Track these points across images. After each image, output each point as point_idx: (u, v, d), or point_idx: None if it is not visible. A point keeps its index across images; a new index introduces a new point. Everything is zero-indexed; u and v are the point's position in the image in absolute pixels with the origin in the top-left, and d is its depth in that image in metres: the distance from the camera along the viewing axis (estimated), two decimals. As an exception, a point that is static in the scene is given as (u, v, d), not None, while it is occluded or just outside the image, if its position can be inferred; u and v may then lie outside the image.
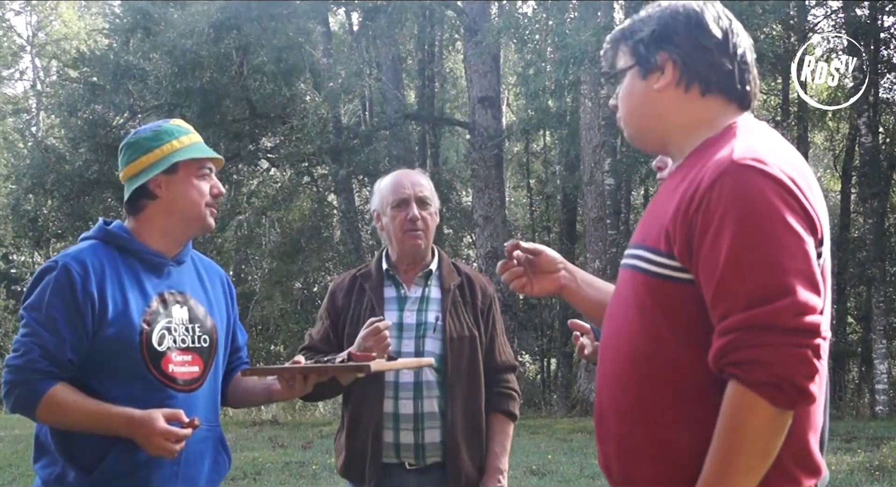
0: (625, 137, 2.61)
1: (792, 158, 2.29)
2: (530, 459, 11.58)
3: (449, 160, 26.97)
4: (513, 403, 4.10)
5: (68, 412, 3.03)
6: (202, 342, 3.30)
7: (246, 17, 19.08)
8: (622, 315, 2.41)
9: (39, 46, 40.36)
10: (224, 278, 3.59)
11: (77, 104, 20.42)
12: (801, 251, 2.14)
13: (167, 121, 3.35)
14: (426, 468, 3.90)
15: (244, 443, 13.80)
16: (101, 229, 3.28)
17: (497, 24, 17.77)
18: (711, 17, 2.43)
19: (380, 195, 4.08)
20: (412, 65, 25.36)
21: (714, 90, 2.42)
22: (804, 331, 2.09)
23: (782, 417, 2.12)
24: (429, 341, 3.93)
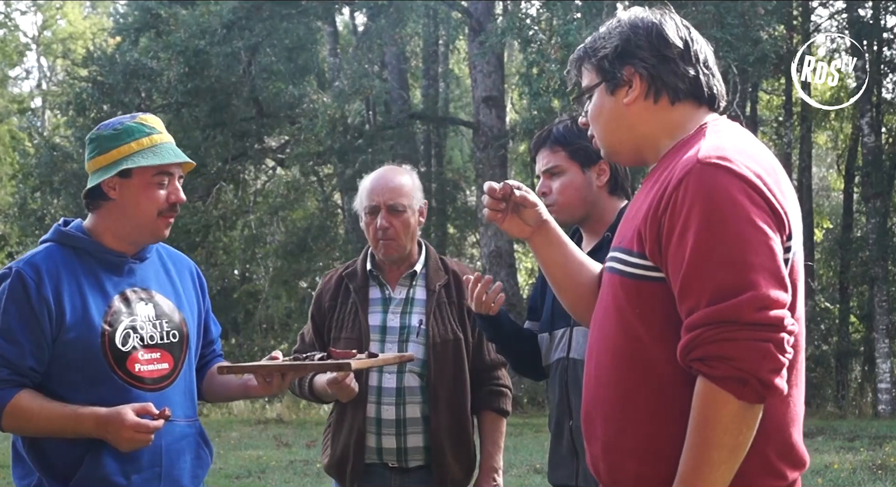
0: (602, 155, 2.63)
1: (760, 155, 2.33)
2: (534, 457, 11.61)
3: (454, 160, 26.97)
4: (505, 400, 4.06)
5: (34, 418, 2.96)
6: (171, 338, 3.20)
7: (257, 17, 19.10)
8: (604, 317, 2.45)
9: (45, 46, 40.37)
10: (193, 269, 3.48)
11: (85, 103, 20.45)
12: (766, 247, 2.17)
13: (134, 117, 3.20)
14: (409, 469, 3.89)
15: (248, 442, 13.84)
16: (58, 231, 3.18)
17: (501, 25, 17.79)
18: (671, 28, 2.46)
19: (359, 198, 4.02)
20: (417, 65, 25.38)
21: (682, 97, 2.46)
22: (767, 325, 2.12)
23: (750, 410, 2.16)
24: (412, 345, 3.88)
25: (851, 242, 20.42)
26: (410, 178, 4.02)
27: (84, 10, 40.73)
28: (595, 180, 3.56)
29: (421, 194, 4.02)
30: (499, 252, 18.77)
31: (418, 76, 25.61)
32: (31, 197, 22.71)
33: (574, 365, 3.46)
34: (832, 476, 9.89)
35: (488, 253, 19.02)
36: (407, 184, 3.97)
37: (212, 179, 20.33)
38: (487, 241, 19.10)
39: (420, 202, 3.97)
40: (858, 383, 19.86)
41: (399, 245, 3.91)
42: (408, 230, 3.92)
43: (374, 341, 3.88)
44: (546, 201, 3.50)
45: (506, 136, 19.89)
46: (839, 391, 18.83)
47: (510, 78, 23.74)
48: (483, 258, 19.58)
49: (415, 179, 4.04)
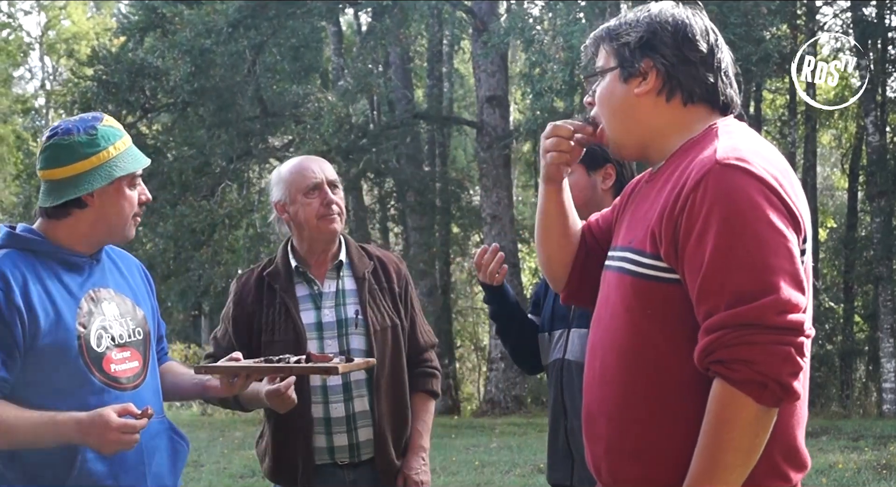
0: (609, 146, 2.58)
1: (774, 157, 2.32)
2: (538, 457, 11.61)
3: (457, 159, 26.98)
4: (435, 381, 4.02)
5: (11, 428, 2.83)
6: (137, 335, 3.14)
7: (262, 16, 19.12)
8: (609, 317, 2.43)
9: (48, 46, 40.43)
10: (140, 267, 3.39)
11: (90, 102, 20.46)
12: (785, 250, 2.16)
13: (99, 119, 3.09)
14: (360, 463, 3.80)
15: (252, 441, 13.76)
16: (10, 236, 3.04)
17: (504, 24, 17.80)
18: (699, 31, 2.43)
19: (285, 183, 3.83)
20: (421, 64, 25.38)
21: (697, 101, 2.44)
22: (788, 329, 2.12)
23: (767, 414, 2.15)
24: (353, 338, 3.77)
25: (856, 241, 20.42)
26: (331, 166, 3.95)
27: (88, 10, 40.77)
28: (600, 183, 3.58)
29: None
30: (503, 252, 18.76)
31: (422, 76, 25.62)
32: (35, 196, 22.76)
33: (569, 367, 3.48)
34: (836, 475, 9.88)
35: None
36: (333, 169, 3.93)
37: (217, 178, 20.34)
38: (491, 240, 19.08)
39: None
40: (863, 382, 19.89)
41: (341, 223, 3.82)
42: (344, 211, 3.86)
43: (312, 339, 3.74)
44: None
45: (509, 135, 19.90)
46: (843, 390, 18.84)
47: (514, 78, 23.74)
48: (487, 258, 19.55)
49: None
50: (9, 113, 34.63)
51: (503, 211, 19.32)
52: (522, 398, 18.85)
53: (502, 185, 19.56)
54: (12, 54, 38.25)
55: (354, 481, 3.79)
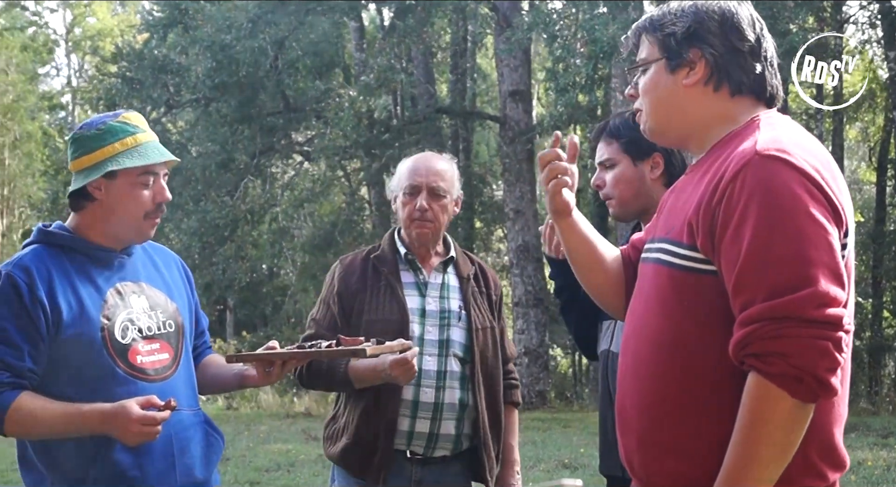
0: (643, 129, 2.55)
1: (816, 149, 2.28)
2: (562, 452, 11.59)
3: (480, 154, 26.96)
4: (518, 392, 4.10)
5: (37, 419, 2.89)
6: (167, 328, 3.16)
7: (283, 11, 19.16)
8: (644, 309, 2.40)
9: (74, 43, 40.66)
10: (180, 262, 3.43)
11: (115, 99, 20.57)
12: (825, 243, 2.12)
13: (117, 115, 3.13)
14: (431, 459, 3.80)
15: (277, 435, 13.89)
16: (41, 232, 3.13)
17: (527, 20, 17.74)
18: (746, 20, 2.40)
19: (397, 177, 3.95)
20: (443, 59, 25.37)
21: (744, 92, 2.41)
22: (826, 323, 2.07)
23: (803, 409, 2.11)
24: (454, 330, 3.84)
25: (884, 235, 20.29)
26: (451, 166, 3.97)
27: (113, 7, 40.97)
28: (648, 173, 3.50)
29: (459, 185, 3.97)
30: (526, 247, 18.73)
31: (445, 70, 25.60)
32: (62, 192, 22.93)
33: (614, 358, 3.42)
34: (865, 473, 9.80)
35: (515, 247, 18.98)
36: (448, 170, 3.92)
37: (240, 173, 20.42)
38: (514, 235, 19.08)
39: (458, 192, 3.95)
40: (892, 378, 19.74)
41: (434, 229, 3.87)
42: (445, 215, 3.88)
43: (414, 323, 3.80)
44: (602, 193, 3.53)
45: (532, 130, 19.84)
46: (872, 386, 18.71)
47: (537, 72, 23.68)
48: (510, 253, 19.55)
49: (455, 168, 3.99)
50: (35, 110, 34.85)
51: (526, 206, 19.27)
52: (546, 394, 18.81)
53: (525, 179, 19.51)
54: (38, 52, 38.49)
55: (420, 480, 3.79)
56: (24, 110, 31.48)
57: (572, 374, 24.23)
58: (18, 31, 37.36)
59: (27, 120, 31.69)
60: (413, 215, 3.84)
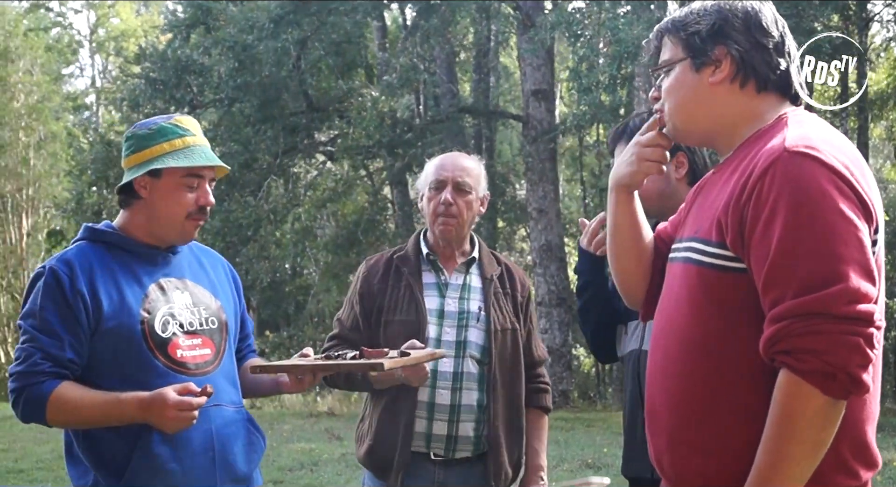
0: (667, 130, 2.55)
1: (845, 146, 2.28)
2: (585, 452, 11.58)
3: (503, 153, 26.94)
4: (547, 397, 4.05)
5: (77, 407, 2.97)
6: (210, 324, 3.23)
7: (304, 11, 19.19)
8: (673, 308, 2.40)
9: (98, 44, 40.86)
10: (227, 265, 3.52)
11: (139, 99, 20.67)
12: (855, 239, 2.12)
13: (170, 118, 3.24)
14: (453, 461, 3.80)
15: (301, 434, 13.91)
16: (87, 229, 3.24)
17: (550, 20, 17.71)
18: (769, 18, 2.43)
19: (424, 174, 3.97)
20: (466, 58, 25.35)
21: (770, 88, 2.42)
22: (857, 319, 2.07)
23: (835, 406, 2.11)
24: (472, 331, 3.83)
25: (908, 234, 20.15)
26: (478, 165, 3.99)
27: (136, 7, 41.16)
28: (673, 173, 3.50)
29: (485, 184, 3.98)
30: (549, 246, 18.71)
31: (468, 70, 25.58)
32: (87, 192, 23.01)
33: (646, 357, 3.42)
34: (891, 473, 9.75)
35: (538, 247, 18.96)
36: (475, 168, 3.94)
37: (263, 173, 20.47)
38: (538, 235, 19.05)
39: (484, 191, 3.95)
40: (918, 378, 19.62)
41: (459, 225, 3.86)
42: (469, 212, 3.88)
43: (432, 324, 3.80)
44: None
45: (555, 129, 19.81)
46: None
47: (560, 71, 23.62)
48: (533, 252, 19.51)
49: (482, 168, 4.00)
50: (60, 110, 35.03)
51: (549, 205, 19.24)
52: (569, 393, 18.78)
53: (548, 179, 19.48)
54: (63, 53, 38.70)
55: (443, 482, 3.79)
56: (48, 111, 31.67)
57: (595, 374, 24.18)
58: (43, 31, 37.59)
59: (52, 120, 31.87)
60: (437, 210, 3.84)
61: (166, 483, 3.04)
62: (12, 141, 29.80)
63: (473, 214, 3.91)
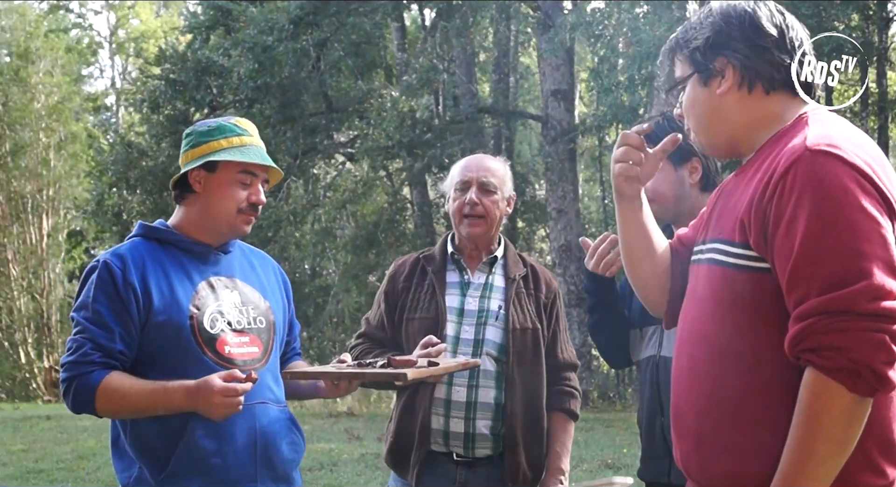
0: (701, 148, 2.60)
1: (867, 144, 2.28)
2: (605, 453, 11.56)
3: (522, 153, 26.89)
4: (574, 402, 4.01)
5: (126, 396, 3.02)
6: (258, 324, 3.29)
7: (324, 12, 19.21)
8: (699, 310, 2.40)
9: (118, 44, 41.00)
10: (277, 268, 3.60)
11: (158, 101, 20.73)
12: (878, 236, 2.11)
13: (230, 118, 3.34)
14: (475, 460, 3.80)
15: (320, 434, 13.92)
16: (142, 226, 3.33)
17: (570, 21, 17.68)
18: (765, 16, 2.43)
19: (450, 176, 4.01)
20: (485, 58, 25.33)
21: (778, 87, 2.42)
22: (882, 315, 2.06)
23: (861, 404, 2.10)
24: (490, 329, 3.83)
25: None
26: (504, 166, 4.01)
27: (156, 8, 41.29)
28: (687, 178, 3.49)
29: (511, 185, 4.00)
30: (568, 246, 18.67)
31: (487, 70, 25.56)
32: (107, 193, 23.09)
33: (665, 363, 3.38)
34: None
35: (558, 247, 18.93)
36: (500, 169, 3.97)
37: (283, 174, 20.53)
38: (557, 235, 19.01)
39: (510, 192, 3.97)
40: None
41: (485, 224, 3.88)
42: (495, 212, 3.89)
43: (451, 321, 3.82)
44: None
45: (575, 129, 19.76)
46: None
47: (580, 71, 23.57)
48: (552, 252, 19.49)
49: (507, 169, 4.02)
50: (80, 111, 35.18)
51: (569, 205, 19.21)
52: (589, 394, 18.75)
53: (568, 179, 19.43)
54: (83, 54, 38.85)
55: (464, 482, 3.80)
56: (69, 111, 31.81)
57: (615, 374, 24.10)
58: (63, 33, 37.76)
59: (72, 121, 32.01)
60: (463, 210, 3.87)
61: (208, 476, 3.10)
62: (33, 142, 29.96)
63: (500, 214, 3.93)
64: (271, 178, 3.36)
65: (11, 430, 15.05)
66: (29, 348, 29.25)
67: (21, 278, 29.82)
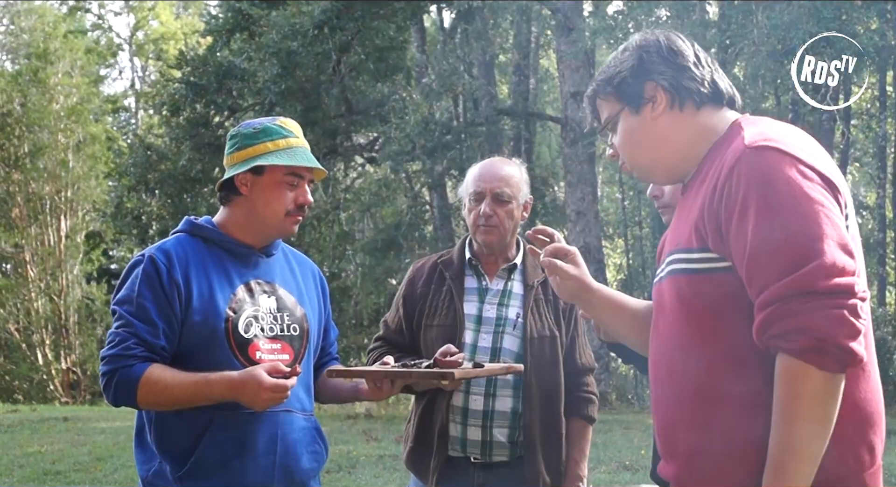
0: (638, 178, 2.68)
1: (801, 135, 2.38)
2: (623, 454, 11.54)
3: (541, 156, 26.89)
4: (592, 407, 3.99)
5: (168, 387, 3.01)
6: (292, 331, 3.28)
7: (348, 16, 19.23)
8: (669, 321, 2.45)
9: (137, 46, 41.14)
10: (317, 272, 3.58)
11: (178, 104, 20.79)
12: (825, 217, 2.18)
13: (275, 120, 3.32)
14: (493, 464, 3.79)
15: (338, 436, 13.93)
16: (188, 223, 3.32)
17: (591, 25, 17.66)
18: (678, 40, 2.56)
19: (465, 183, 3.95)
20: (506, 61, 25.33)
21: (706, 101, 2.52)
22: (838, 292, 2.12)
23: (834, 380, 2.15)
24: (507, 337, 3.81)
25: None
26: (519, 171, 3.95)
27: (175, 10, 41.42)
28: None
29: (527, 189, 3.95)
30: (587, 248, 18.66)
31: (507, 72, 25.56)
32: (126, 196, 23.14)
33: None
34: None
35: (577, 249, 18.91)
36: (515, 175, 3.91)
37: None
38: (576, 237, 19.02)
39: (526, 197, 3.92)
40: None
41: (500, 234, 3.85)
42: (511, 221, 3.86)
43: (469, 329, 3.80)
44: (659, 202, 3.52)
45: (594, 131, 19.67)
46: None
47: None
48: (571, 255, 19.44)
49: (523, 173, 3.97)
50: (100, 113, 35.30)
51: (588, 207, 19.21)
52: (607, 395, 18.72)
53: (587, 181, 19.44)
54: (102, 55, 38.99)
55: (483, 484, 3.80)
56: (87, 113, 31.91)
57: (633, 375, 24.05)
58: (82, 34, 37.89)
59: (91, 122, 32.10)
60: (478, 222, 3.84)
61: (225, 477, 3.10)
62: (51, 143, 30.07)
63: (515, 222, 3.90)
64: (315, 177, 3.35)
65: (29, 432, 15.10)
66: (46, 349, 29.36)
67: (39, 280, 29.93)
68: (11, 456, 12.30)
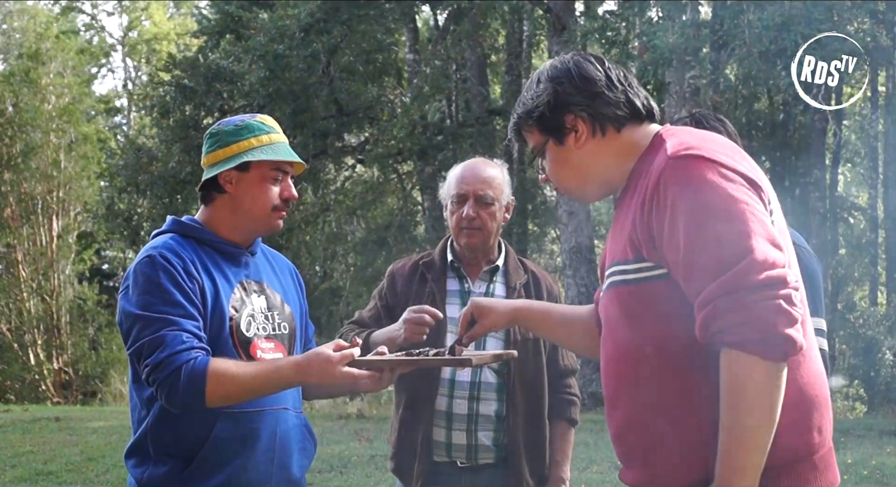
0: (570, 198, 2.78)
1: (720, 140, 2.50)
2: (614, 454, 11.51)
3: (533, 156, 26.82)
4: (574, 409, 4.00)
5: (236, 378, 2.93)
6: (282, 330, 3.29)
7: (335, 18, 19.21)
8: (615, 330, 2.53)
9: (130, 47, 41.07)
10: (293, 269, 3.58)
11: (168, 106, 20.77)
12: (751, 215, 2.28)
13: (254, 116, 3.33)
14: (479, 467, 3.80)
15: (330, 436, 13.92)
16: (175, 222, 3.30)
17: (583, 26, 17.66)
18: (587, 64, 2.63)
19: (447, 184, 3.95)
20: (497, 60, 25.32)
21: (626, 121, 2.60)
22: (772, 284, 2.21)
23: (777, 369, 2.23)
24: (490, 341, 3.81)
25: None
26: (501, 172, 3.95)
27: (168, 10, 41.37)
28: None
29: (509, 190, 3.96)
30: (579, 248, 18.66)
31: (499, 72, 25.56)
32: (118, 198, 23.10)
33: None
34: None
35: (568, 249, 18.93)
36: (497, 177, 3.90)
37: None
38: (568, 237, 19.01)
39: (508, 198, 3.92)
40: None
41: (483, 236, 3.86)
42: (494, 223, 3.87)
43: (451, 333, 3.78)
44: None
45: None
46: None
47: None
48: (563, 254, 19.49)
49: (505, 174, 3.97)
50: (91, 113, 35.21)
51: (579, 208, 19.18)
52: (599, 395, 18.71)
53: (578, 182, 19.37)
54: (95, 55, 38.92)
55: (472, 486, 3.80)
56: (80, 113, 31.83)
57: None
58: (74, 34, 37.82)
59: (83, 123, 32.02)
60: (461, 224, 3.85)
61: (227, 474, 3.10)
62: (43, 143, 29.95)
63: (497, 224, 3.91)
64: (295, 171, 3.37)
65: (20, 432, 15.07)
66: (38, 349, 29.25)
67: (31, 280, 29.83)
68: (3, 456, 12.29)
